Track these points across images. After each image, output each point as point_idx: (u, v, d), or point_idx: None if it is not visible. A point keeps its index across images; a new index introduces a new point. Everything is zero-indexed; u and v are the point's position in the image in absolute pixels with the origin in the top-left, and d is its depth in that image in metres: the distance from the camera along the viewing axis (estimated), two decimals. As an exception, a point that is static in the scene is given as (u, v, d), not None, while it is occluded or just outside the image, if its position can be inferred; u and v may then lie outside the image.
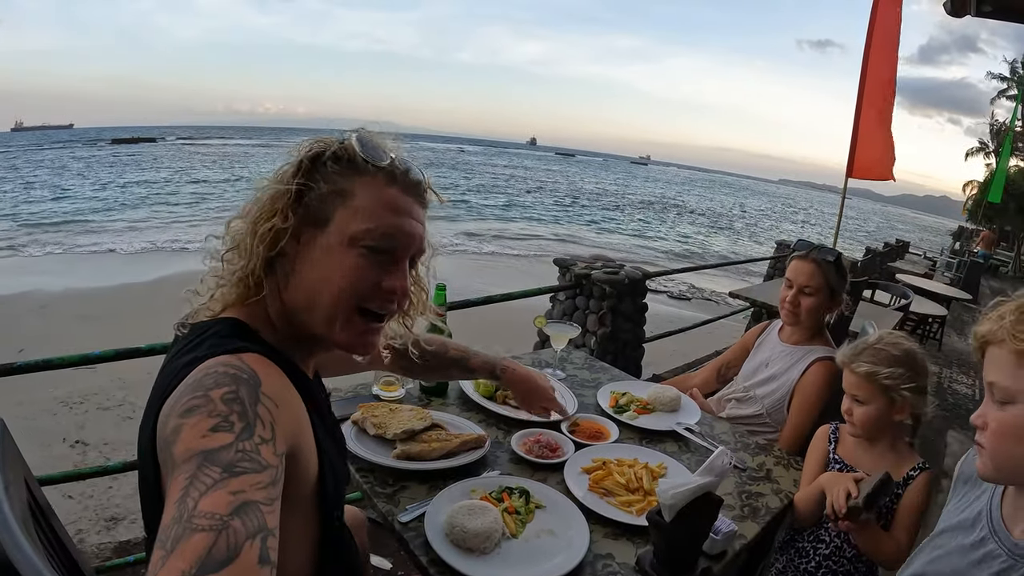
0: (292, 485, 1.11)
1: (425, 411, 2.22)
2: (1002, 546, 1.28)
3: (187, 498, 0.88)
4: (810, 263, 2.76)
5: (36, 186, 38.02)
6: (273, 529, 0.92)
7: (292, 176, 1.23)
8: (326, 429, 1.34)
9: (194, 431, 0.97)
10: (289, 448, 1.10)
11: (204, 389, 1.03)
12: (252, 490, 0.92)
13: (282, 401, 1.11)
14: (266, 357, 1.16)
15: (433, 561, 1.59)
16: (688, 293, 16.46)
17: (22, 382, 5.64)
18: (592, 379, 2.93)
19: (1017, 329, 1.19)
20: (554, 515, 1.81)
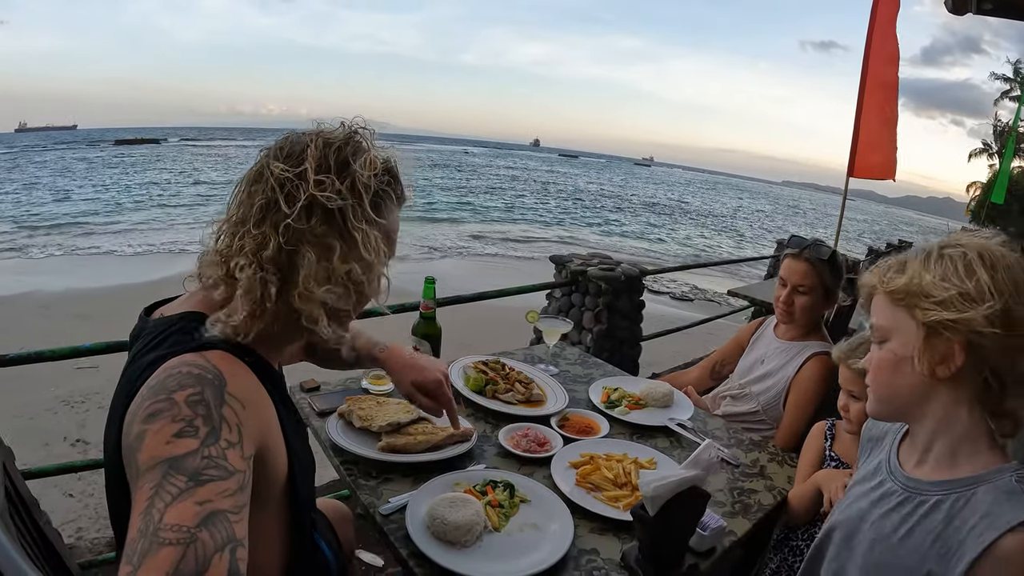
0: (262, 485, 1.10)
1: (412, 404, 2.20)
2: (897, 482, 1.41)
3: (153, 509, 0.87)
4: (803, 262, 2.72)
5: (38, 187, 38.09)
6: (242, 539, 0.90)
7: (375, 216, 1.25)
8: (292, 424, 1.31)
9: (158, 437, 0.95)
10: (257, 449, 1.08)
11: (167, 392, 1.01)
12: (219, 499, 0.91)
13: (249, 401, 1.08)
14: (232, 353, 1.13)
15: (413, 554, 1.57)
16: (691, 294, 16.45)
17: (24, 381, 5.67)
18: (585, 375, 2.91)
19: (887, 277, 1.35)
20: (539, 509, 1.79)
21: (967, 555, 1.20)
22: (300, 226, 1.15)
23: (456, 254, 21.52)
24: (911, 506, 1.35)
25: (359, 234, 1.20)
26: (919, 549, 1.29)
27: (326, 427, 2.08)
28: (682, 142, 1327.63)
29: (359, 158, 1.22)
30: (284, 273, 1.17)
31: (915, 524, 1.32)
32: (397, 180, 1.32)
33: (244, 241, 1.16)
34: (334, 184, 1.17)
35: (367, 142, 1.27)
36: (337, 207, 1.18)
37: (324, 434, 2.06)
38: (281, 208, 1.15)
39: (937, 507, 1.30)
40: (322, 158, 1.19)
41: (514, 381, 2.53)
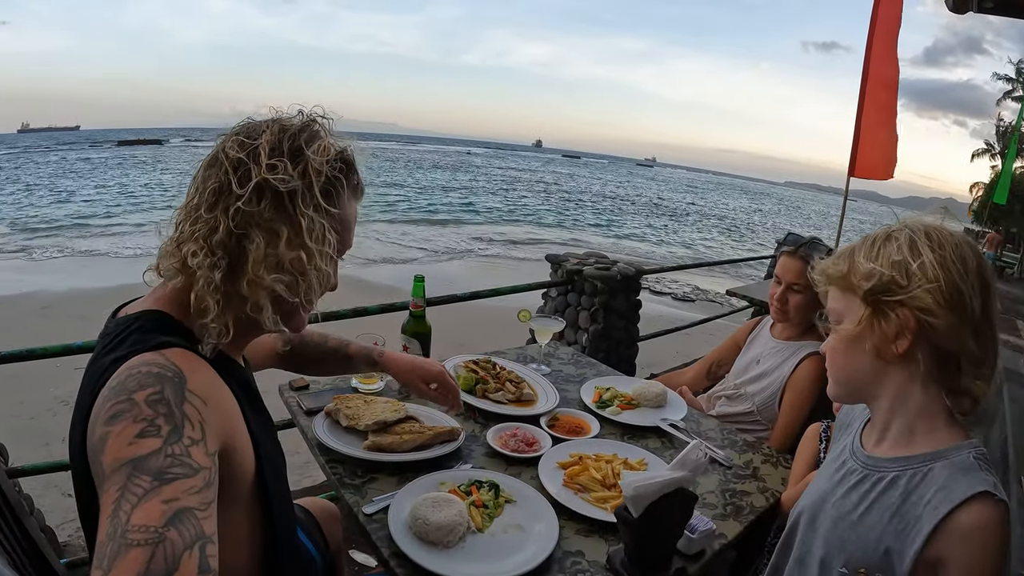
0: (229, 482, 1.10)
1: (400, 403, 2.19)
2: (857, 461, 1.46)
3: (119, 512, 0.86)
4: (799, 260, 2.70)
5: (40, 189, 38.22)
6: (211, 535, 0.89)
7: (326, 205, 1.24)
8: (259, 420, 1.30)
9: (120, 439, 0.94)
10: (222, 446, 1.07)
11: (128, 392, 1.00)
12: (185, 496, 0.90)
13: (210, 397, 1.07)
14: (190, 350, 1.12)
15: (395, 554, 1.56)
16: (692, 295, 16.46)
17: (24, 382, 5.66)
18: (578, 374, 2.89)
19: (836, 264, 1.43)
20: (524, 510, 1.77)
21: (923, 529, 1.23)
22: (250, 209, 1.15)
23: (465, 255, 21.52)
24: (869, 483, 1.39)
25: (305, 220, 1.19)
26: (877, 525, 1.33)
27: (312, 426, 2.06)
28: (684, 142, 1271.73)
29: (313, 144, 1.22)
30: (233, 259, 1.16)
31: (873, 501, 1.36)
32: (352, 170, 1.31)
33: (197, 226, 1.16)
34: (286, 168, 1.17)
35: (324, 131, 1.27)
36: (287, 190, 1.17)
37: (311, 432, 2.04)
38: (233, 191, 1.15)
39: (894, 483, 1.34)
40: (276, 142, 1.19)
41: (505, 380, 2.51)
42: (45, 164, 57.10)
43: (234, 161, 1.17)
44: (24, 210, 29.18)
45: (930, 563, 1.24)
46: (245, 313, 1.20)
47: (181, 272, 1.18)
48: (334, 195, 1.25)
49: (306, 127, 1.25)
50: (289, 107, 1.29)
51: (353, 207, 1.35)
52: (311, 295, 1.28)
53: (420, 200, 39.17)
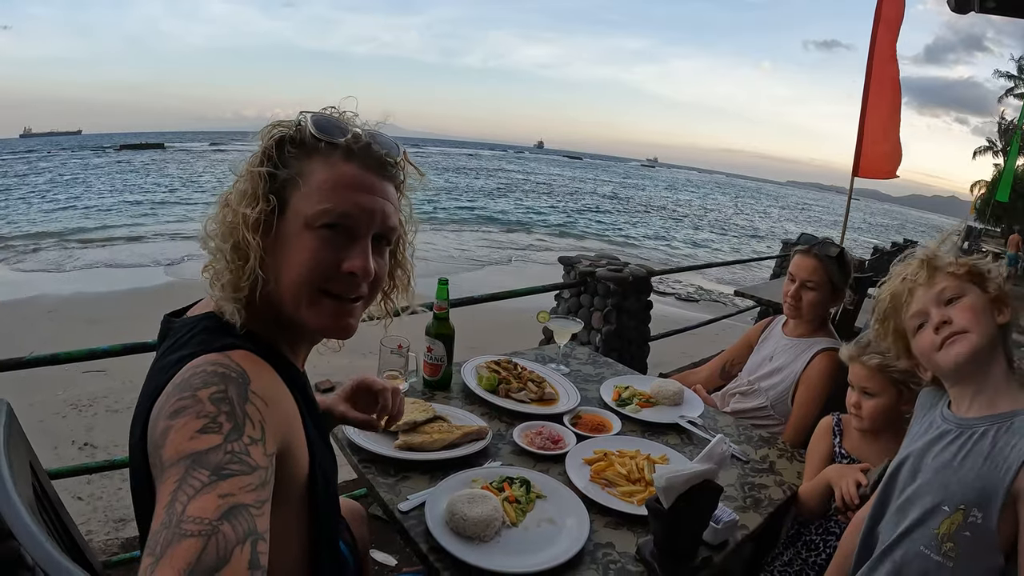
0: (283, 484, 1.10)
1: (428, 404, 2.24)
2: (950, 424, 1.64)
3: (176, 502, 0.87)
4: (812, 258, 2.77)
5: (39, 194, 38.09)
6: (263, 533, 0.90)
7: (259, 164, 1.20)
8: (315, 425, 1.31)
9: (182, 433, 0.96)
10: (279, 447, 1.08)
11: (192, 389, 1.02)
12: (241, 493, 0.91)
13: (272, 399, 1.09)
14: (255, 353, 1.14)
15: (433, 549, 1.60)
16: (696, 295, 16.43)
17: (32, 384, 5.67)
18: (596, 374, 2.93)
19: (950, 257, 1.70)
20: (555, 505, 1.81)
21: (1012, 466, 1.45)
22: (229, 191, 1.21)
23: (468, 260, 21.41)
24: (964, 438, 1.59)
25: (241, 182, 1.21)
26: (974, 468, 1.52)
27: (342, 427, 2.10)
28: (686, 143, 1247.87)
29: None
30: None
31: (969, 450, 1.56)
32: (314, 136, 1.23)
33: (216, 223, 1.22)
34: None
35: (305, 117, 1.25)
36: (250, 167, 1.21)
37: (341, 433, 2.08)
38: None
39: (985, 435, 1.55)
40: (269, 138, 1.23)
41: (526, 380, 2.56)
42: (46, 169, 56.90)
43: None
44: (25, 216, 29.09)
45: (1015, 495, 1.44)
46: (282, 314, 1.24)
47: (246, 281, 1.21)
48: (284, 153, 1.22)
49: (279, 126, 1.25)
50: None
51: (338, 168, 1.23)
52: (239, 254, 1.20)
53: (440, 205, 39.05)
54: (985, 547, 1.49)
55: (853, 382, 2.15)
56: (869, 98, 6.40)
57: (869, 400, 2.10)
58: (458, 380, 2.60)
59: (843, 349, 2.21)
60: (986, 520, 1.48)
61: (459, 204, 41.38)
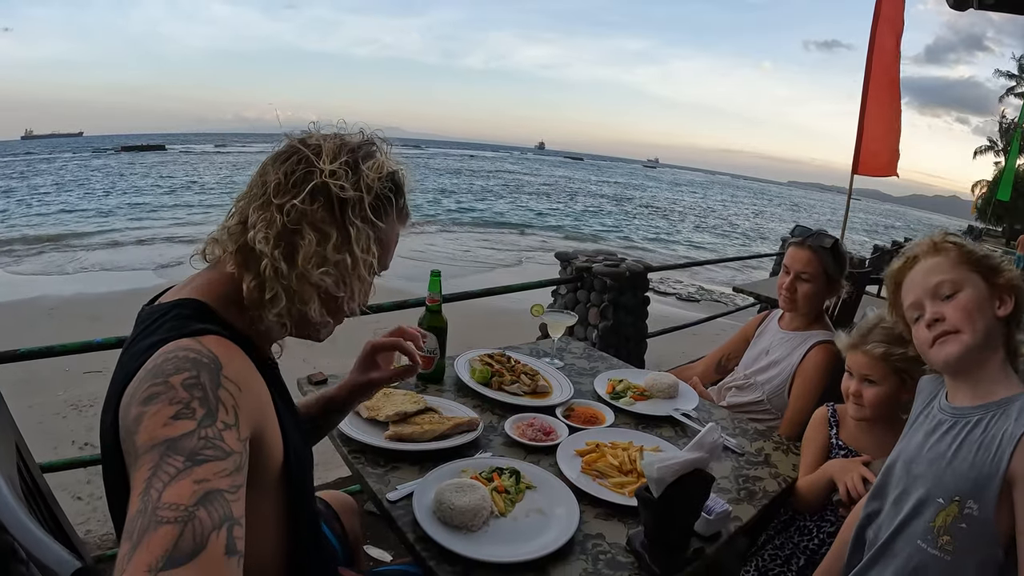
0: (258, 470, 1.11)
1: (419, 396, 2.23)
2: (946, 414, 1.64)
3: (151, 489, 0.87)
4: (807, 250, 2.76)
5: (39, 196, 38.22)
6: (239, 518, 0.91)
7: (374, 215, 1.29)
8: (288, 412, 1.33)
9: (155, 419, 0.96)
10: (253, 432, 1.09)
11: (164, 375, 1.02)
12: (216, 478, 0.92)
13: (245, 384, 1.09)
14: (227, 339, 1.15)
15: (420, 538, 1.59)
16: (697, 295, 16.43)
17: (32, 386, 5.67)
18: (590, 368, 2.94)
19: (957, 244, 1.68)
20: (545, 495, 1.81)
21: (1006, 451, 1.43)
22: (304, 207, 1.20)
23: (474, 262, 21.37)
24: (958, 428, 1.58)
25: (354, 229, 1.24)
26: (968, 458, 1.51)
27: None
28: (687, 143, 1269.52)
29: (369, 160, 1.28)
30: (288, 252, 1.20)
31: (963, 440, 1.55)
32: (401, 193, 1.37)
33: (257, 216, 1.21)
34: (346, 175, 1.23)
35: (380, 151, 1.34)
36: (339, 197, 1.23)
37: (330, 424, 2.07)
38: (290, 189, 1.21)
39: (979, 423, 1.54)
40: (337, 151, 1.25)
41: (520, 373, 2.55)
42: (45, 171, 57.05)
43: (294, 161, 1.23)
44: (25, 218, 29.17)
45: (1010, 482, 1.42)
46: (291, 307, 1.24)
47: (233, 260, 1.23)
48: (382, 211, 1.30)
49: (364, 145, 1.32)
50: (351, 124, 1.36)
51: (396, 228, 1.40)
52: (349, 299, 1.33)
53: (438, 206, 39.23)
54: (983, 540, 1.47)
55: (853, 370, 2.14)
56: (869, 96, 6.42)
57: (871, 388, 2.09)
58: (451, 373, 2.59)
59: (841, 337, 2.20)
60: (982, 511, 1.46)
61: (462, 206, 41.36)
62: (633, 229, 38.67)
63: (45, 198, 36.58)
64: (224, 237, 1.25)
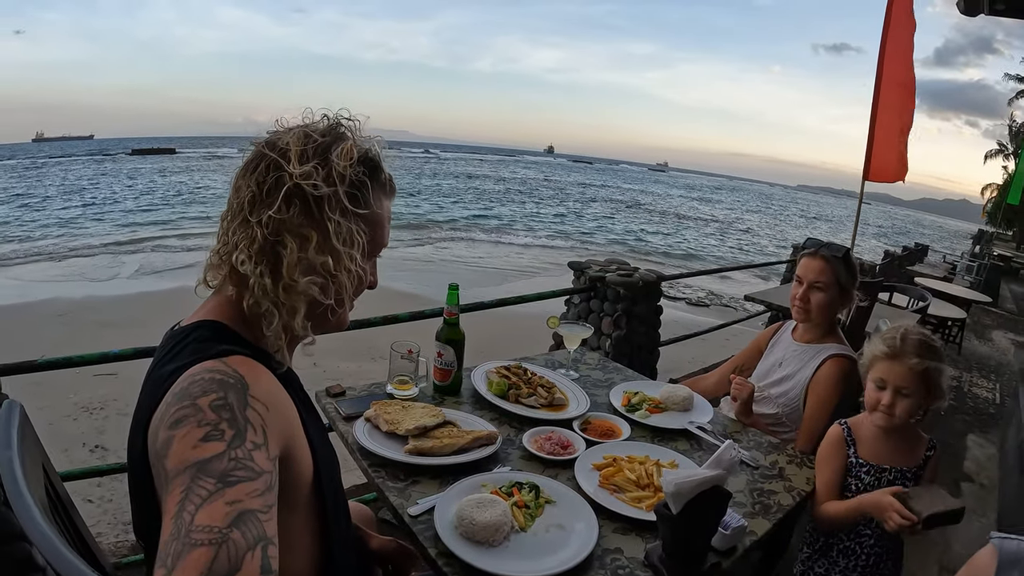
0: (288, 487, 1.12)
1: (438, 409, 2.24)
2: None
3: (183, 512, 0.88)
4: (819, 260, 2.78)
5: (68, 195, 38.39)
6: (272, 537, 0.91)
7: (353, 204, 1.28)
8: (315, 425, 1.33)
9: (184, 442, 0.97)
10: (282, 451, 1.09)
11: (191, 398, 1.02)
12: (248, 499, 0.92)
13: (272, 403, 1.10)
14: (251, 358, 1.15)
15: (442, 553, 1.60)
16: (707, 300, 16.41)
17: (44, 388, 5.69)
18: (605, 379, 2.94)
19: None
20: (564, 510, 1.82)
21: None
22: (281, 216, 1.19)
23: (488, 269, 21.28)
24: None
25: (331, 224, 1.23)
26: None
27: (353, 431, 2.11)
28: (695, 147, 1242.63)
29: (336, 148, 1.26)
30: (272, 265, 1.20)
31: None
32: (377, 171, 1.35)
33: (239, 236, 1.21)
34: (315, 173, 1.22)
35: (350, 132, 1.32)
36: (313, 196, 1.22)
37: (351, 438, 2.10)
38: (264, 199, 1.20)
39: None
40: (303, 149, 1.23)
41: (536, 385, 2.56)
42: (54, 174, 57.25)
43: (263, 170, 1.22)
44: (36, 221, 29.26)
45: None
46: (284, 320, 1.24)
47: (230, 282, 1.24)
48: (360, 198, 1.28)
49: (330, 131, 1.30)
50: (315, 111, 1.33)
51: (384, 205, 1.38)
52: (342, 296, 1.32)
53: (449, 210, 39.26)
54: None
55: (889, 381, 2.13)
56: (879, 101, 6.39)
57: (904, 400, 2.11)
58: (468, 385, 2.60)
59: (876, 345, 2.20)
60: None
61: (475, 212, 41.20)
62: (660, 237, 38.53)
63: (53, 202, 36.73)
64: (216, 261, 1.26)
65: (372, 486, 1.96)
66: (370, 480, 1.97)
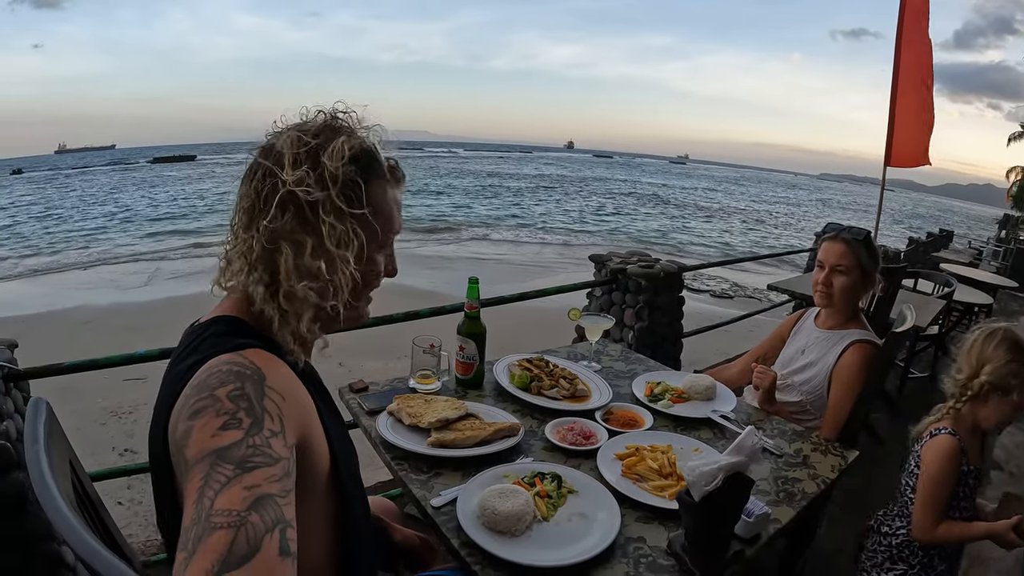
0: (305, 475, 1.13)
1: (460, 402, 2.24)
2: None
3: (203, 498, 0.90)
4: (840, 243, 2.77)
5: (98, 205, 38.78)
6: (290, 520, 0.93)
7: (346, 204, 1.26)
8: (332, 417, 1.35)
9: (204, 431, 0.99)
10: (299, 439, 1.11)
11: (210, 389, 1.04)
12: (266, 483, 0.94)
13: (288, 393, 1.12)
14: (267, 350, 1.17)
15: (464, 544, 1.61)
16: (731, 291, 16.32)
17: (72, 393, 5.75)
18: (628, 370, 2.94)
19: None
20: (586, 499, 1.82)
21: None
22: (276, 225, 1.20)
23: (508, 264, 21.21)
24: None
25: (325, 227, 1.23)
26: None
27: (376, 425, 2.12)
28: (716, 138, 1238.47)
29: (327, 148, 1.25)
30: (271, 274, 1.23)
31: None
32: (375, 161, 1.33)
33: (237, 246, 1.25)
34: (306, 178, 1.21)
35: (346, 126, 1.31)
36: (307, 201, 1.22)
37: (374, 432, 2.11)
38: (263, 208, 1.22)
39: None
40: (295, 153, 1.23)
41: (558, 377, 2.56)
42: (76, 187, 57.83)
43: (259, 178, 1.23)
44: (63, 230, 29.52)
45: None
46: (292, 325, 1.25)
47: (236, 287, 1.27)
48: (355, 197, 1.27)
49: (322, 130, 1.28)
50: (310, 109, 1.33)
51: (388, 194, 1.36)
52: (340, 297, 1.29)
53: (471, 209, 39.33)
54: None
55: None
56: (899, 86, 6.35)
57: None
58: (490, 378, 2.61)
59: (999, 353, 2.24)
60: None
61: (496, 210, 41.13)
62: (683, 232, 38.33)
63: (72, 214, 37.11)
64: (225, 265, 1.28)
65: (397, 481, 1.98)
66: (394, 474, 1.99)
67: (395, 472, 1.97)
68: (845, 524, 3.41)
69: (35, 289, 16.66)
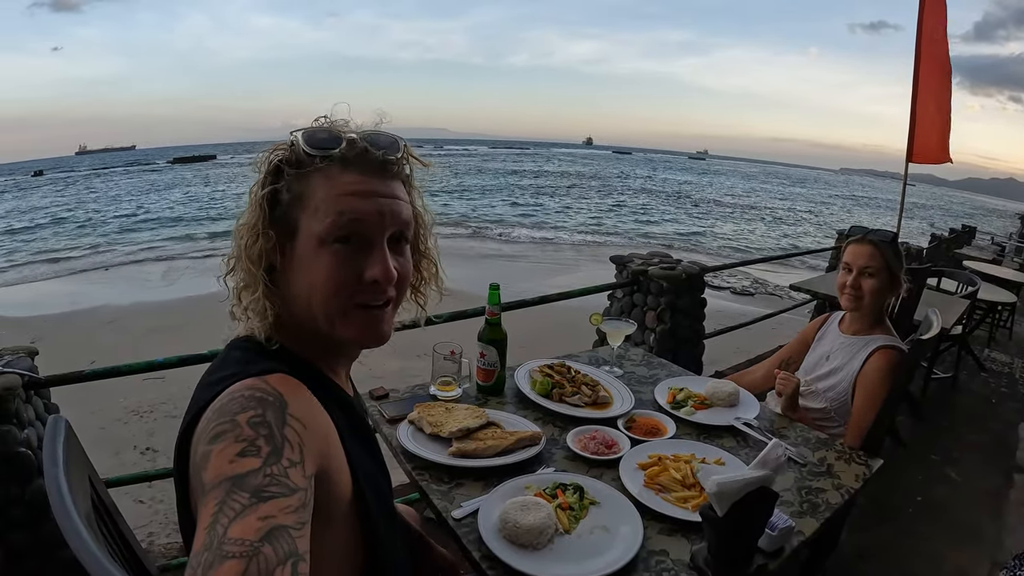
0: (327, 503, 1.12)
1: (481, 410, 2.24)
2: None
3: (217, 524, 0.88)
4: (868, 245, 2.75)
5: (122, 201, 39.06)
6: (304, 554, 0.91)
7: (260, 192, 1.22)
8: (361, 441, 1.33)
9: (222, 457, 0.98)
10: (319, 468, 1.10)
11: (230, 414, 1.04)
12: (282, 515, 0.92)
13: (310, 421, 1.11)
14: (292, 375, 1.16)
15: (486, 556, 1.61)
16: (751, 288, 16.25)
17: (94, 393, 5.79)
18: (650, 375, 2.92)
19: None
20: (608, 511, 1.81)
21: None
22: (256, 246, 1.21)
23: (528, 261, 21.20)
24: None
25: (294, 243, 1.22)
26: None
27: (396, 434, 2.13)
28: (735, 133, 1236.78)
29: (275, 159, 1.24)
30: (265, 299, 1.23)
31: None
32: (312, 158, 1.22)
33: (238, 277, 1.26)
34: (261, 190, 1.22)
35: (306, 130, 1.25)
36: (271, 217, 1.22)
37: (395, 440, 2.11)
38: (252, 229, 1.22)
39: None
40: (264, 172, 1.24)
41: (580, 384, 2.55)
42: (106, 186, 58.30)
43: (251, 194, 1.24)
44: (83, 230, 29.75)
45: None
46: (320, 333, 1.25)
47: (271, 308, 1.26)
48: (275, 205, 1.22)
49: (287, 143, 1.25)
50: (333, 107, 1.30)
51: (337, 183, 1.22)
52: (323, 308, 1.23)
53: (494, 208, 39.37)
54: None
55: None
56: (920, 81, 6.31)
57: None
58: (511, 385, 2.60)
59: None
60: None
61: (519, 210, 41.03)
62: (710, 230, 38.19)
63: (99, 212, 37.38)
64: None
65: (414, 487, 1.98)
66: (413, 483, 1.99)
67: (416, 482, 1.97)
68: (867, 530, 3.38)
69: (59, 287, 16.83)
